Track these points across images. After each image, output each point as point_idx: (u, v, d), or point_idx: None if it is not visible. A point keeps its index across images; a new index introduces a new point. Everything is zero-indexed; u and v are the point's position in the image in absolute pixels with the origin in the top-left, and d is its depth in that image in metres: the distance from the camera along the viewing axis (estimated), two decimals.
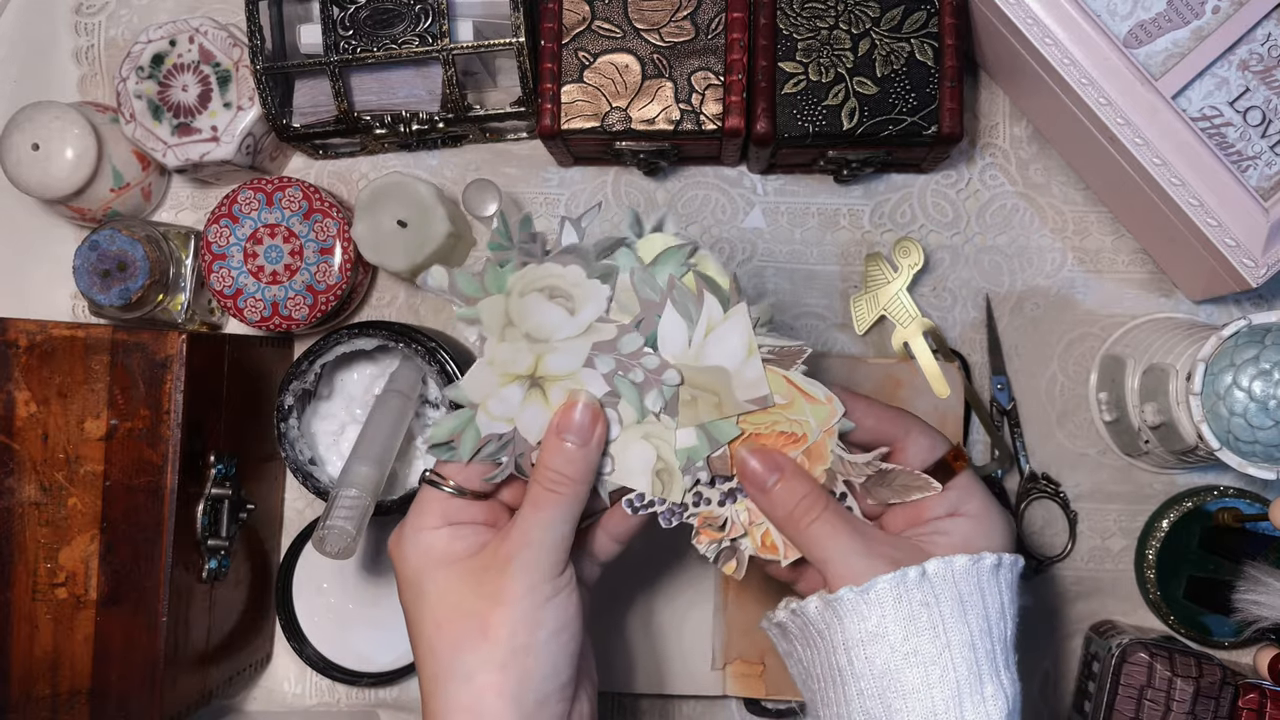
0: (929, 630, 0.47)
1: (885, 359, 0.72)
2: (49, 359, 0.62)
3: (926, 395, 0.70)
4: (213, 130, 0.70)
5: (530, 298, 0.49)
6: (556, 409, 0.50)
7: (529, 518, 0.49)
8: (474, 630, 0.48)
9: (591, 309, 0.49)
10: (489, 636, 0.48)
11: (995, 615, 0.48)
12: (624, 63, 0.67)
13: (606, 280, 0.49)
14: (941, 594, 0.48)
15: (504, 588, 0.48)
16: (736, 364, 0.50)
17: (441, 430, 0.50)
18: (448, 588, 0.49)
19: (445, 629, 0.49)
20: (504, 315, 0.50)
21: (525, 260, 0.49)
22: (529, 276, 0.49)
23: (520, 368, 0.50)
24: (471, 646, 0.48)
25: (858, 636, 0.47)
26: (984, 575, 0.49)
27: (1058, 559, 0.73)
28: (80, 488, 0.62)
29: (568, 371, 0.50)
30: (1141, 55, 0.63)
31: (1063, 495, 0.73)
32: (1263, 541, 0.68)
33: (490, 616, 0.48)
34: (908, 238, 0.72)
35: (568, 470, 0.49)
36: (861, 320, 0.73)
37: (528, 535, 0.49)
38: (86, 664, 0.62)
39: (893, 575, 0.47)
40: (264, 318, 0.70)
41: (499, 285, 0.50)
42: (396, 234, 0.69)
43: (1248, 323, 0.61)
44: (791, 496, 0.50)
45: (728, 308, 0.50)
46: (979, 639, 0.47)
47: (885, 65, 0.66)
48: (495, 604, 0.48)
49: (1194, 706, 0.64)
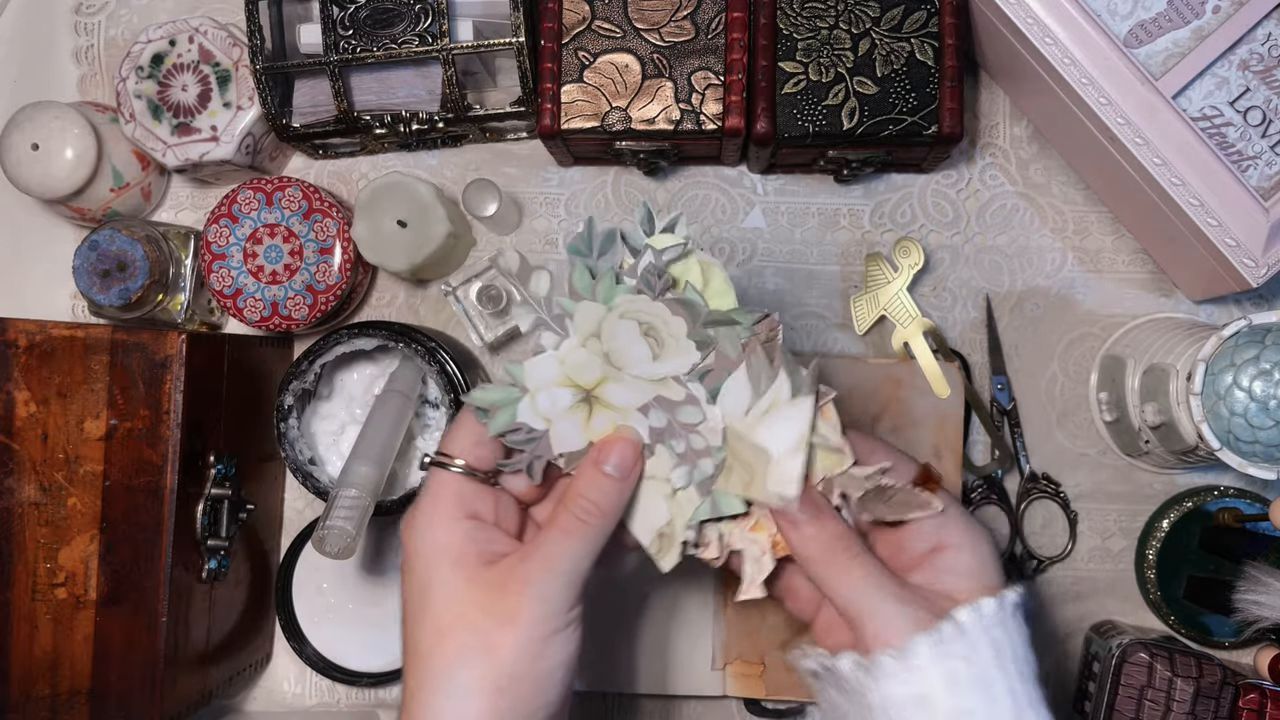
0: (972, 686, 0.45)
1: (885, 359, 0.72)
2: (49, 359, 0.62)
3: (927, 395, 0.70)
4: (212, 130, 0.70)
5: (627, 324, 0.49)
6: (602, 438, 0.49)
7: (557, 543, 0.48)
8: (477, 647, 0.47)
9: (673, 365, 0.49)
10: (491, 657, 0.46)
11: (1024, 653, 0.47)
12: (624, 62, 0.67)
13: (702, 348, 0.49)
14: (978, 643, 0.46)
15: (517, 610, 0.47)
16: (781, 453, 0.48)
17: (487, 397, 0.49)
18: (456, 595, 0.48)
19: (447, 640, 0.47)
20: (596, 325, 0.49)
21: (642, 290, 0.49)
22: (637, 304, 0.49)
23: (584, 379, 0.49)
24: (470, 664, 0.47)
25: (898, 700, 0.46)
26: (1008, 614, 0.47)
27: (1058, 559, 0.73)
28: (80, 488, 0.62)
29: (622, 405, 0.49)
30: (1142, 55, 0.63)
31: (1063, 495, 0.73)
32: (1263, 541, 0.68)
33: (496, 636, 0.47)
34: (908, 238, 0.72)
35: (601, 502, 0.48)
36: (862, 320, 0.73)
37: (551, 561, 0.48)
38: (86, 664, 0.62)
39: (930, 635, 0.45)
40: (264, 318, 0.70)
41: (608, 296, 0.49)
42: (396, 234, 0.69)
43: (1248, 323, 0.61)
44: (825, 535, 0.49)
45: (798, 394, 0.48)
46: (1017, 683, 0.46)
47: (885, 65, 0.66)
48: (504, 625, 0.47)
49: (1194, 707, 0.64)
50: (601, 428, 0.49)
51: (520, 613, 0.47)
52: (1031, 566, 0.72)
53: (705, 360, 0.49)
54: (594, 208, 0.75)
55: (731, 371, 0.49)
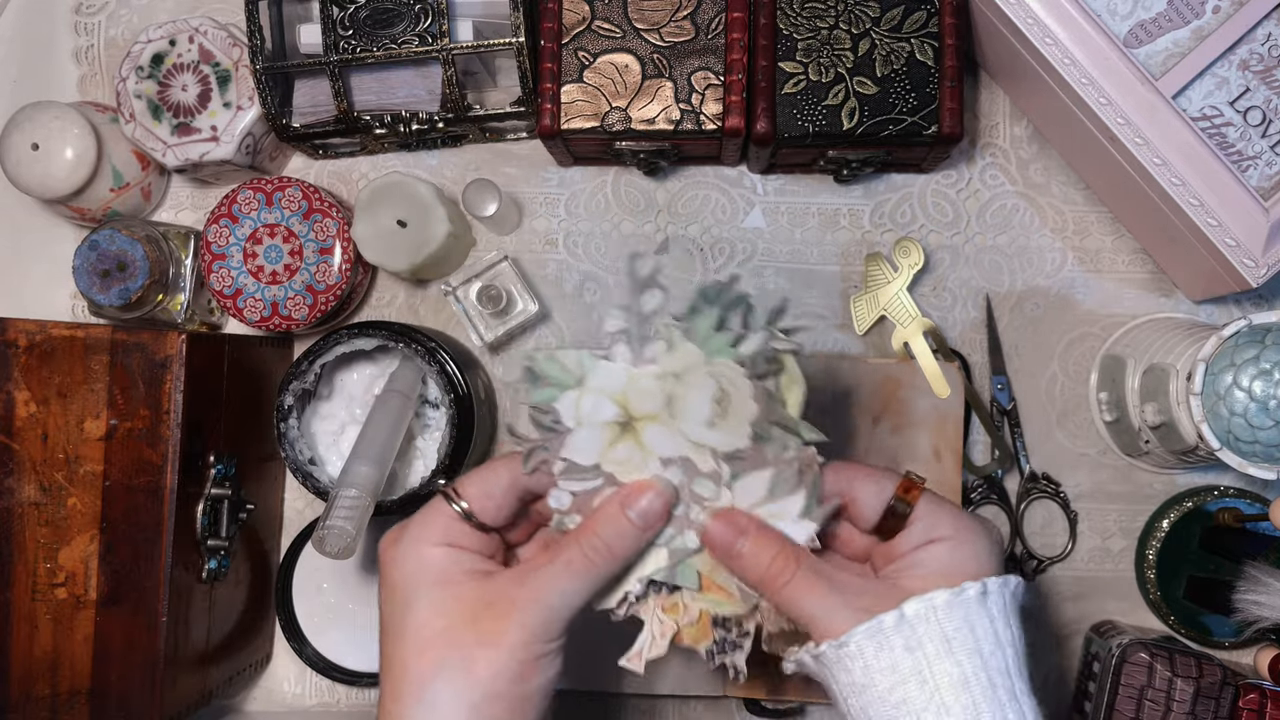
0: (914, 677, 0.45)
1: (885, 359, 0.72)
2: (49, 359, 0.62)
3: (926, 395, 0.70)
4: (212, 130, 0.70)
5: (709, 383, 0.49)
6: (635, 482, 0.49)
7: (556, 576, 0.48)
8: (456, 663, 0.46)
9: (722, 440, 0.49)
10: (470, 674, 0.46)
11: (990, 646, 0.46)
12: (624, 62, 0.67)
13: (759, 440, 0.48)
14: (925, 636, 0.46)
15: (502, 632, 0.47)
16: None
17: (546, 368, 0.48)
18: (439, 610, 0.47)
19: (427, 654, 0.47)
20: (684, 368, 0.48)
21: (743, 364, 0.48)
22: (730, 372, 0.48)
23: (637, 407, 0.49)
24: (448, 679, 0.46)
25: (848, 687, 0.46)
26: (970, 606, 0.46)
27: (1058, 559, 0.73)
28: (80, 488, 0.62)
29: (649, 448, 0.49)
30: (1142, 55, 0.63)
31: (1063, 495, 0.73)
32: (1263, 541, 0.68)
33: (477, 654, 0.46)
34: (908, 237, 0.72)
35: (615, 545, 0.48)
36: (862, 320, 0.73)
37: (545, 592, 0.47)
38: (86, 664, 0.62)
39: (868, 625, 0.45)
40: (264, 318, 0.70)
41: (714, 350, 0.48)
42: (396, 234, 0.69)
43: (1248, 323, 0.61)
44: (764, 555, 0.48)
45: (805, 517, 0.49)
46: (973, 676, 0.45)
47: (885, 65, 0.66)
48: (487, 645, 0.47)
49: (1194, 707, 0.64)
50: (619, 458, 0.49)
51: (505, 635, 0.47)
52: (1031, 566, 0.72)
53: (746, 448, 0.49)
54: (594, 208, 0.75)
55: (759, 469, 0.49)
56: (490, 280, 0.72)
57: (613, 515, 0.48)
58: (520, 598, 0.47)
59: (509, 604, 0.47)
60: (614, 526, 0.48)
